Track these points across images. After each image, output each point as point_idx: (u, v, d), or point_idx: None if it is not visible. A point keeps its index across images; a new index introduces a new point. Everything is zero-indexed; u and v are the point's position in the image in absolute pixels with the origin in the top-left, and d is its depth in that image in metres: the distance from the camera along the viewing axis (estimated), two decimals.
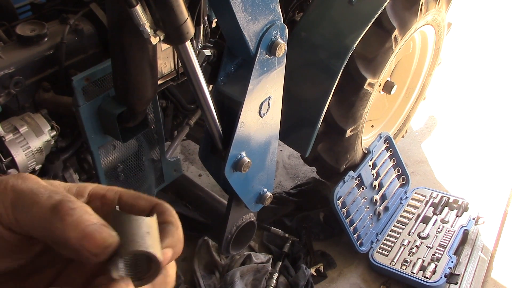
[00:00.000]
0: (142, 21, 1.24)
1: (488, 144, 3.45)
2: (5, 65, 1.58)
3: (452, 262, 2.51)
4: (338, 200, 2.51)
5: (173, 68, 1.86)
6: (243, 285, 2.35)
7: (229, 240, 1.96)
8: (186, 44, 1.35)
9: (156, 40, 1.28)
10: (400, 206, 2.87)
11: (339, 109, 2.39)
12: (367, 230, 2.67)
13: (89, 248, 0.42)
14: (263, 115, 1.63)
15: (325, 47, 2.24)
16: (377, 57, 2.31)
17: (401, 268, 2.52)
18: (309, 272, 2.47)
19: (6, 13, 1.88)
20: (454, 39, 4.02)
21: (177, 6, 1.25)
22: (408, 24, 2.37)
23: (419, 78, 3.06)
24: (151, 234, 0.46)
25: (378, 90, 2.62)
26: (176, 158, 2.14)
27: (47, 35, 1.68)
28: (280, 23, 1.49)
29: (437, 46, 2.93)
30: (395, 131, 3.11)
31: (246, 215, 1.97)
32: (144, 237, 0.45)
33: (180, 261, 2.58)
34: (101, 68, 1.61)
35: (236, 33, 1.43)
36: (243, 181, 1.74)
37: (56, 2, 1.94)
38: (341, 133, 2.45)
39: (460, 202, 2.85)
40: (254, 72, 1.49)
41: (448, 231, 2.69)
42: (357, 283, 2.56)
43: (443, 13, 2.71)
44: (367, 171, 2.70)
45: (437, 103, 3.75)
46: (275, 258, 2.55)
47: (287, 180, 3.14)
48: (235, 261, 2.49)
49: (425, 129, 3.61)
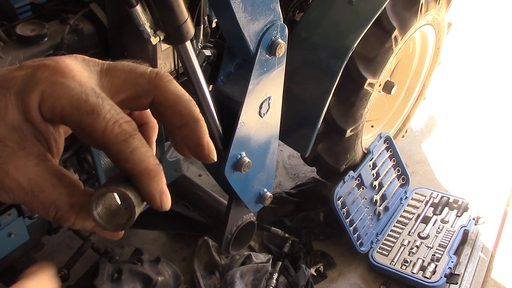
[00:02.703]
0: (142, 21, 1.24)
1: (488, 144, 3.45)
2: (5, 65, 1.58)
3: (452, 262, 2.51)
4: (338, 200, 2.51)
5: (173, 68, 1.86)
6: (243, 285, 2.35)
7: (229, 240, 1.96)
8: (186, 44, 1.35)
9: (156, 40, 1.28)
10: (400, 206, 2.87)
11: (339, 109, 2.39)
12: (367, 230, 2.67)
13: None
14: (263, 115, 1.63)
15: (325, 47, 2.24)
16: (377, 57, 2.31)
17: (401, 268, 2.52)
18: (309, 272, 2.47)
19: (6, 13, 1.87)
20: (454, 39, 4.02)
21: (177, 6, 1.25)
22: (408, 24, 2.37)
23: (419, 78, 3.06)
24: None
25: (378, 90, 2.62)
26: (176, 158, 2.14)
27: (47, 35, 1.68)
28: (280, 23, 1.49)
29: (437, 46, 2.93)
30: (395, 131, 3.11)
31: (246, 215, 1.97)
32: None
33: (180, 261, 2.58)
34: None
35: (236, 33, 1.42)
36: (243, 181, 1.74)
37: (56, 2, 1.94)
38: (341, 133, 2.45)
39: (460, 202, 2.85)
40: (254, 72, 1.49)
41: (448, 231, 2.70)
42: (357, 283, 2.56)
43: (443, 13, 2.71)
44: (367, 171, 2.70)
45: (437, 103, 3.75)
46: (275, 258, 2.55)
47: (287, 180, 3.14)
48: (235, 261, 2.49)
49: (425, 129, 3.61)
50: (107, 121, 0.46)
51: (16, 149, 0.46)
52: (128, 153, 0.46)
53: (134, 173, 0.47)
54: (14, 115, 0.46)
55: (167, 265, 2.21)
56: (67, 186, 0.48)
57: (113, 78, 0.51)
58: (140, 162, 0.47)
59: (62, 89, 0.46)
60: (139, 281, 2.04)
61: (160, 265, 2.16)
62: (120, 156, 0.47)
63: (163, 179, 0.49)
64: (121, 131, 0.46)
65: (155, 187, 0.48)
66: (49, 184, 0.47)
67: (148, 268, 2.09)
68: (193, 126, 0.51)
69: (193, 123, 0.51)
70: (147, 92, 0.51)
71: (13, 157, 0.46)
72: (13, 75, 0.47)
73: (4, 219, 1.64)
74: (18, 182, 0.46)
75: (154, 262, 2.16)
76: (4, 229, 1.66)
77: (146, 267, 2.08)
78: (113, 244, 2.64)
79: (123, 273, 2.01)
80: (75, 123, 0.46)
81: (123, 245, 2.66)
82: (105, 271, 1.99)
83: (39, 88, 0.46)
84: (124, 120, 0.47)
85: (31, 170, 0.46)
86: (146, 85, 0.51)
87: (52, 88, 0.46)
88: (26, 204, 0.48)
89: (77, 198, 0.48)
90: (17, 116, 0.46)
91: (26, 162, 0.46)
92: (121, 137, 0.46)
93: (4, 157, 0.45)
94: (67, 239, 2.64)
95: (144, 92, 0.51)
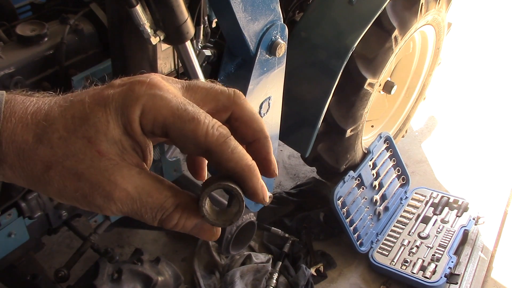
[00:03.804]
0: (142, 21, 1.25)
1: (488, 144, 3.45)
2: (5, 65, 1.58)
3: (452, 262, 2.51)
4: (338, 200, 2.51)
5: (173, 68, 1.86)
6: (243, 285, 2.35)
7: (229, 240, 1.96)
8: (186, 44, 1.35)
9: (156, 40, 1.28)
10: (400, 206, 2.87)
11: (339, 109, 2.39)
12: (367, 230, 2.67)
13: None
14: (263, 115, 1.63)
15: (325, 47, 2.24)
16: (377, 57, 2.31)
17: (401, 268, 2.52)
18: (309, 272, 2.47)
19: (6, 13, 1.87)
20: (454, 39, 4.02)
21: (177, 6, 1.25)
22: (408, 24, 2.37)
23: (419, 78, 3.06)
24: None
25: (378, 90, 2.62)
26: (176, 158, 2.13)
27: (47, 35, 1.68)
28: (280, 23, 1.49)
29: (437, 46, 2.93)
30: (395, 131, 3.11)
31: (246, 215, 1.98)
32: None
33: (180, 261, 2.58)
34: (101, 68, 1.61)
35: (236, 33, 1.43)
36: None
37: (56, 2, 1.94)
38: (341, 133, 2.45)
39: (460, 202, 2.85)
40: (254, 72, 1.49)
41: (448, 231, 2.69)
42: (357, 283, 2.56)
43: (443, 13, 2.71)
44: (367, 171, 2.70)
45: (437, 103, 3.75)
46: (275, 258, 2.55)
47: (287, 180, 3.14)
48: (235, 261, 2.49)
49: (425, 129, 3.61)
50: (207, 126, 0.50)
51: (118, 161, 0.49)
52: (229, 153, 0.50)
53: (237, 170, 0.51)
54: (115, 129, 0.49)
55: (167, 265, 2.21)
56: (170, 189, 0.52)
57: (195, 94, 0.55)
58: (241, 160, 0.51)
59: (162, 101, 0.49)
60: (139, 281, 2.04)
61: (160, 265, 2.16)
62: (223, 157, 0.50)
63: (260, 175, 0.53)
64: (220, 134, 0.50)
65: (257, 181, 0.52)
66: (154, 189, 0.50)
67: (148, 268, 2.09)
68: (264, 142, 0.56)
69: (264, 139, 0.56)
70: (226, 107, 0.55)
71: (118, 169, 0.49)
72: (107, 93, 0.50)
73: (4, 219, 1.64)
74: (127, 191, 0.49)
75: (154, 262, 2.16)
76: (4, 229, 1.66)
77: (146, 267, 2.08)
78: (113, 244, 2.64)
79: (123, 273, 2.00)
80: (177, 131, 0.50)
81: (123, 245, 2.66)
82: (105, 271, 1.99)
83: (140, 102, 0.49)
84: (219, 125, 0.51)
85: (136, 178, 0.50)
86: (225, 101, 0.55)
87: (152, 101, 0.49)
88: (132, 213, 0.50)
89: (180, 198, 0.52)
90: (117, 130, 0.49)
91: (130, 172, 0.50)
92: (222, 139, 0.50)
93: (110, 170, 0.49)
94: (67, 239, 2.64)
95: (224, 107, 0.55)
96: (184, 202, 0.52)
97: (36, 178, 0.49)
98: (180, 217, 0.52)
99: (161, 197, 0.50)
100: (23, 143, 0.48)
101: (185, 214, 0.52)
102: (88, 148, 0.48)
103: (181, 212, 0.51)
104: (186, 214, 0.52)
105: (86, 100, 0.50)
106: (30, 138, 0.48)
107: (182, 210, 0.51)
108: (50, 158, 0.48)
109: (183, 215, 0.52)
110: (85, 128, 0.48)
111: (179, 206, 0.51)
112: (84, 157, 0.48)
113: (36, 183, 0.50)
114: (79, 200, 0.50)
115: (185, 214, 0.52)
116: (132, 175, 0.50)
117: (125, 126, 0.49)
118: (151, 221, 0.51)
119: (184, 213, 0.52)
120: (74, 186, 0.49)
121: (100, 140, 0.48)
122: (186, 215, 0.52)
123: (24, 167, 0.49)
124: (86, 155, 0.48)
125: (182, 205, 0.52)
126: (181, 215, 0.51)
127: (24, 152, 0.49)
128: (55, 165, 0.48)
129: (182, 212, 0.51)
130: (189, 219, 0.52)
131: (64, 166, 0.48)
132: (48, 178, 0.49)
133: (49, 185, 0.49)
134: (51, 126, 0.49)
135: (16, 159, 0.49)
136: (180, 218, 0.52)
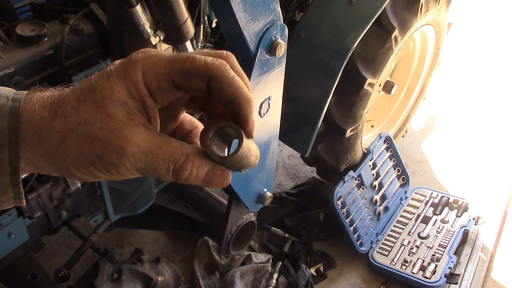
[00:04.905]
0: (142, 21, 1.25)
1: (488, 144, 3.45)
2: (5, 65, 1.58)
3: (452, 262, 2.51)
4: (338, 200, 2.51)
5: None
6: (243, 285, 2.35)
7: (229, 240, 1.96)
8: (186, 44, 1.35)
9: (156, 40, 1.28)
10: (400, 206, 2.87)
11: (339, 109, 2.39)
12: (367, 230, 2.67)
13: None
14: (263, 115, 1.63)
15: (325, 47, 2.24)
16: (377, 57, 2.31)
17: (401, 268, 2.52)
18: (309, 272, 2.47)
19: (6, 13, 1.87)
20: (454, 39, 4.03)
21: (177, 6, 1.25)
22: (408, 24, 2.37)
23: (419, 78, 3.06)
24: None
25: (378, 90, 2.62)
26: None
27: (47, 35, 1.68)
28: (280, 23, 1.49)
29: (437, 46, 2.93)
30: (395, 131, 3.11)
31: (246, 215, 1.97)
32: None
33: (180, 261, 2.58)
34: (101, 68, 1.61)
35: (236, 33, 1.42)
36: (243, 181, 1.74)
37: (56, 2, 1.93)
38: (341, 133, 2.45)
39: (460, 202, 2.85)
40: (254, 72, 1.49)
41: (448, 231, 2.70)
42: (357, 283, 2.56)
43: (443, 13, 2.71)
44: (367, 171, 2.70)
45: (437, 103, 3.76)
46: (275, 258, 2.55)
47: (287, 180, 3.15)
48: (235, 261, 2.49)
49: (425, 129, 3.61)
50: (204, 59, 0.54)
51: (126, 121, 0.54)
52: (231, 79, 0.54)
53: (237, 95, 0.55)
54: (119, 92, 0.54)
55: (167, 265, 2.21)
56: (177, 142, 0.56)
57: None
58: (241, 87, 0.55)
59: (157, 57, 0.55)
60: (139, 281, 2.04)
61: (160, 265, 2.16)
62: (224, 81, 0.54)
63: (254, 110, 0.57)
64: (220, 62, 0.55)
65: (251, 111, 0.56)
66: (163, 142, 0.54)
67: (148, 268, 2.09)
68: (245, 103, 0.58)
69: (246, 98, 0.58)
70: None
71: (127, 127, 0.53)
72: (109, 68, 0.55)
73: (4, 219, 1.64)
74: (138, 145, 0.53)
75: (154, 262, 2.16)
76: (4, 229, 1.66)
77: (146, 267, 2.08)
78: (113, 244, 2.64)
79: (123, 273, 2.00)
80: (178, 72, 0.54)
81: (123, 245, 2.66)
82: (105, 271, 1.99)
83: (139, 64, 0.54)
84: (215, 58, 0.55)
85: (144, 134, 0.54)
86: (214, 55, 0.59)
87: (149, 60, 0.54)
88: (146, 167, 0.54)
89: (189, 148, 0.55)
90: (122, 93, 0.54)
91: (138, 129, 0.54)
92: (223, 67, 0.55)
93: (120, 128, 0.53)
94: (67, 239, 2.64)
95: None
96: (193, 152, 0.55)
97: (54, 151, 0.54)
98: (193, 165, 0.55)
99: (170, 148, 0.54)
100: (40, 119, 0.53)
101: (197, 163, 0.55)
102: (97, 112, 0.53)
103: (193, 161, 0.55)
104: (197, 162, 0.55)
105: (92, 77, 0.55)
106: (46, 114, 0.54)
107: (193, 159, 0.55)
108: (65, 128, 0.53)
109: (195, 163, 0.55)
110: (93, 96, 0.53)
111: (190, 156, 0.55)
112: (95, 121, 0.53)
113: (54, 157, 0.54)
114: (95, 162, 0.54)
115: (196, 163, 0.55)
116: (140, 131, 0.54)
117: (129, 89, 0.54)
118: (165, 173, 0.55)
119: (195, 162, 0.55)
120: (89, 149, 0.53)
121: (107, 104, 0.53)
122: (198, 163, 0.55)
123: (42, 142, 0.54)
124: (96, 119, 0.53)
125: (192, 154, 0.55)
126: (193, 163, 0.55)
127: (42, 127, 0.53)
128: (70, 133, 0.53)
129: (193, 161, 0.55)
130: (201, 167, 0.55)
131: (78, 132, 0.53)
132: (65, 147, 0.53)
133: (66, 154, 0.54)
134: (63, 101, 0.54)
135: (35, 135, 0.53)
136: (192, 167, 0.55)
